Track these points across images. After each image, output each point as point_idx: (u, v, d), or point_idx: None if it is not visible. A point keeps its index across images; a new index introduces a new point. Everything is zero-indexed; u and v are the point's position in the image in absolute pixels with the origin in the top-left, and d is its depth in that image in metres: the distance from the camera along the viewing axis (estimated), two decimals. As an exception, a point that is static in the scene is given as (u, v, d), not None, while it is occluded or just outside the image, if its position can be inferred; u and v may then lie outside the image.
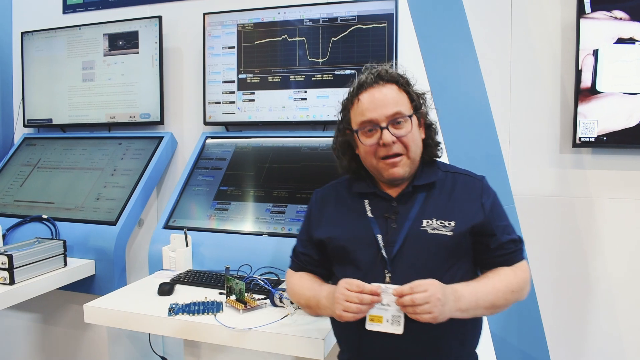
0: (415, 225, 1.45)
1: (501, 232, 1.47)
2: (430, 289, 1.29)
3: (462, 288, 1.37)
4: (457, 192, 1.51)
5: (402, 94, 1.50)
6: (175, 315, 1.78)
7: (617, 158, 2.36)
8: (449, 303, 1.31)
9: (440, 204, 1.49)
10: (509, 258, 1.48)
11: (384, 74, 1.51)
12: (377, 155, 1.47)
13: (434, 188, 1.52)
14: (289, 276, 1.68)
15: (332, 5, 2.61)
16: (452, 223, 1.44)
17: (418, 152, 1.51)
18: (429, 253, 1.42)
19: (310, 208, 1.67)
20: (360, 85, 1.52)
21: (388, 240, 1.45)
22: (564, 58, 2.41)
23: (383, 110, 1.46)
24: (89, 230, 2.58)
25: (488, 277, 1.46)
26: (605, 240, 2.41)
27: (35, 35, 3.25)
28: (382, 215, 1.50)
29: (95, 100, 3.11)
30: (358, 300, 1.33)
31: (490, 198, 1.50)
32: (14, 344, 2.87)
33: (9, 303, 2.13)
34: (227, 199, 2.53)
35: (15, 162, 3.16)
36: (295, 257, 1.68)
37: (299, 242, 1.68)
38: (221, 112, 2.84)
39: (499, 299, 1.41)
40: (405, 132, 1.46)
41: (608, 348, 2.42)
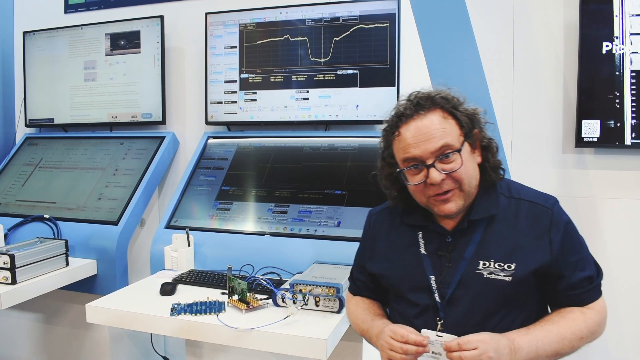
0: (471, 267, 1.33)
1: (572, 270, 1.32)
2: (480, 347, 1.18)
3: (521, 338, 1.25)
4: (520, 225, 1.34)
5: (449, 120, 1.32)
6: (177, 315, 1.77)
7: (620, 158, 2.36)
8: (503, 357, 1.20)
9: (500, 241, 1.33)
10: (581, 299, 1.33)
11: (424, 101, 1.33)
12: (426, 193, 1.33)
13: (493, 222, 1.36)
14: (347, 300, 1.65)
15: (334, 5, 2.61)
16: (512, 266, 1.30)
17: (473, 183, 1.35)
18: (485, 299, 1.31)
19: (365, 233, 1.59)
20: (399, 117, 1.35)
21: (442, 281, 1.35)
22: (567, 57, 2.40)
23: (427, 145, 1.29)
24: (90, 230, 2.58)
25: (552, 321, 1.31)
26: (607, 240, 2.40)
27: (37, 35, 3.25)
28: (436, 252, 1.38)
29: (97, 100, 3.11)
30: (402, 351, 1.26)
31: (560, 232, 1.32)
32: (16, 343, 2.87)
33: (11, 303, 2.12)
34: (229, 199, 2.53)
35: (17, 161, 3.16)
36: (352, 280, 1.63)
37: (355, 265, 1.62)
38: (223, 112, 2.84)
39: (564, 347, 1.28)
40: (456, 167, 1.29)
41: (610, 349, 2.42)
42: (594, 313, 1.33)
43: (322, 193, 2.40)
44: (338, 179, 2.42)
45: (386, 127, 1.40)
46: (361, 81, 2.57)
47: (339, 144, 2.57)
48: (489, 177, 1.39)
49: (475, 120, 1.38)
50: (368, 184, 2.34)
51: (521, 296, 1.32)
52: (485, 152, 1.40)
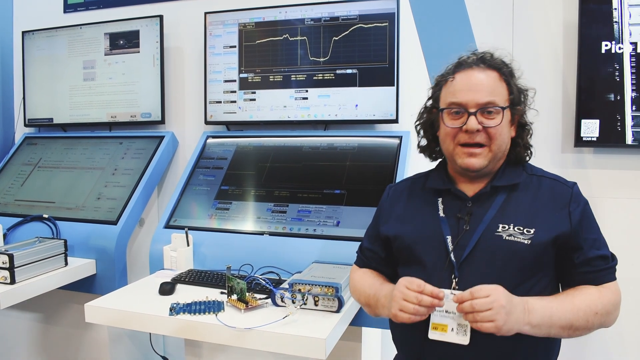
0: (490, 229, 1.33)
1: (589, 246, 1.34)
2: (493, 294, 1.18)
3: (535, 301, 1.25)
4: (541, 197, 1.37)
5: (502, 83, 1.39)
6: (176, 315, 1.77)
7: (619, 158, 2.36)
8: (516, 313, 1.19)
9: (521, 208, 1.35)
10: (597, 276, 1.34)
11: (488, 58, 1.41)
12: (457, 140, 1.37)
13: (515, 191, 1.39)
14: (352, 272, 1.62)
15: (333, 5, 2.60)
16: (532, 231, 1.31)
17: (503, 148, 1.39)
18: (502, 261, 1.30)
19: (382, 203, 1.58)
20: (459, 64, 1.41)
21: (458, 243, 1.34)
22: (566, 57, 2.40)
23: (476, 95, 1.34)
24: (89, 230, 2.58)
25: (568, 293, 1.32)
26: (607, 239, 2.40)
27: (36, 35, 3.25)
28: (455, 215, 1.39)
29: (96, 100, 3.11)
30: (416, 301, 1.24)
31: (580, 207, 1.35)
32: (14, 343, 2.87)
33: (10, 302, 2.12)
34: (228, 199, 2.53)
35: (16, 161, 3.16)
36: (360, 252, 1.62)
37: (366, 237, 1.61)
38: (222, 112, 2.84)
39: (579, 319, 1.27)
40: (494, 124, 1.34)
41: (610, 348, 2.42)
42: (609, 292, 1.34)
43: (321, 192, 2.40)
44: (337, 178, 2.42)
45: (442, 72, 1.46)
46: (360, 81, 2.57)
47: (338, 144, 2.57)
48: (518, 154, 1.45)
49: (524, 96, 1.46)
50: (367, 183, 2.35)
51: (538, 264, 1.32)
52: (521, 130, 1.46)
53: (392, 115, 2.51)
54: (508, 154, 1.44)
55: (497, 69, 1.40)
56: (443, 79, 1.44)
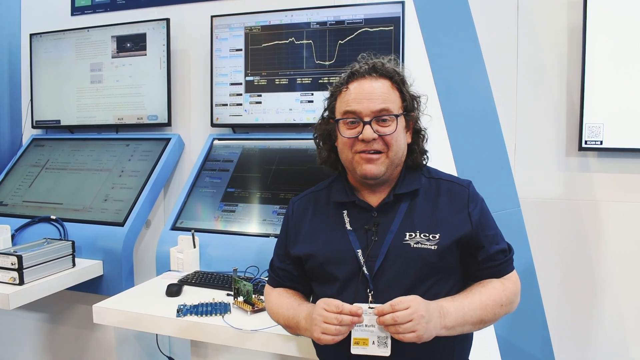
0: (398, 239, 1.36)
1: (489, 243, 1.40)
2: (412, 305, 1.22)
3: (448, 304, 1.30)
4: (441, 200, 1.42)
5: (395, 91, 1.42)
6: (183, 316, 1.79)
7: (623, 162, 2.36)
8: (433, 320, 1.24)
9: (424, 214, 1.39)
10: (498, 270, 1.41)
11: (380, 66, 1.42)
12: (354, 149, 1.39)
13: (417, 197, 1.43)
14: (267, 293, 1.59)
15: (339, 9, 2.62)
16: (437, 236, 1.35)
17: (399, 155, 1.42)
18: (412, 268, 1.34)
19: (287, 220, 1.57)
20: (352, 74, 1.43)
21: (369, 254, 1.36)
22: (570, 61, 2.41)
23: (370, 104, 1.37)
24: (97, 231, 2.60)
25: (475, 291, 1.37)
26: (610, 243, 2.41)
27: (43, 37, 3.27)
28: (362, 227, 1.41)
29: (103, 102, 3.13)
30: (337, 322, 1.25)
31: (477, 206, 1.41)
32: (22, 343, 2.90)
33: (19, 303, 2.14)
34: (234, 201, 2.55)
35: (23, 163, 3.19)
36: (272, 272, 1.59)
37: (275, 256, 1.59)
38: (228, 114, 2.86)
39: (487, 314, 1.34)
40: (389, 131, 1.37)
41: (613, 351, 2.43)
42: (510, 283, 1.40)
43: (326, 195, 2.41)
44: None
45: (336, 82, 1.47)
46: (366, 84, 2.57)
47: (343, 147, 2.58)
48: (415, 159, 1.49)
49: (417, 103, 1.48)
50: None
51: (445, 266, 1.37)
52: (416, 136, 1.49)
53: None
54: (405, 161, 1.46)
55: (389, 77, 1.42)
56: (337, 89, 1.46)
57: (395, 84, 1.42)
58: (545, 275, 2.46)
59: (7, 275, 2.18)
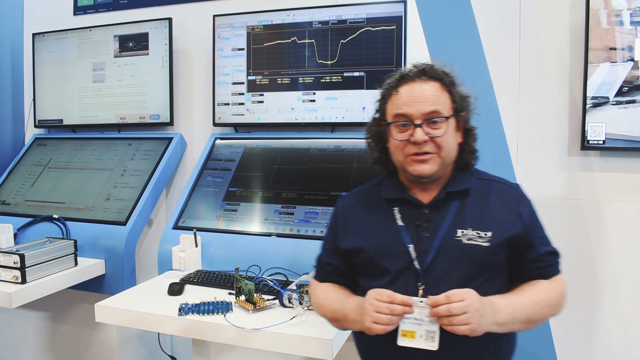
0: (449, 235, 1.37)
1: (539, 244, 1.41)
2: (467, 297, 1.23)
3: (499, 300, 1.31)
4: (492, 200, 1.43)
5: (445, 93, 1.42)
6: (185, 315, 1.80)
7: (626, 161, 2.36)
8: (487, 315, 1.24)
9: (476, 213, 1.41)
10: (547, 271, 1.42)
11: (429, 69, 1.43)
12: (406, 152, 1.40)
13: (468, 196, 1.44)
14: (313, 287, 1.61)
15: (341, 8, 2.62)
16: (489, 233, 1.36)
17: (451, 156, 1.43)
18: (464, 264, 1.35)
19: (336, 216, 1.59)
20: (402, 77, 1.44)
21: (420, 250, 1.37)
22: (573, 60, 2.41)
23: (420, 106, 1.38)
24: (99, 230, 2.61)
25: (525, 289, 1.39)
26: (613, 242, 2.41)
27: (46, 37, 3.28)
28: (414, 223, 1.41)
29: (106, 101, 3.14)
30: (388, 311, 1.25)
31: (527, 208, 1.43)
32: (24, 342, 2.90)
33: (21, 302, 2.15)
34: (236, 200, 2.55)
35: (26, 162, 3.19)
36: (319, 267, 1.60)
37: (323, 251, 1.60)
38: (230, 114, 2.86)
39: (536, 313, 1.34)
40: (440, 133, 1.38)
41: (615, 349, 2.42)
42: (559, 285, 1.43)
43: (328, 194, 2.41)
44: (344, 180, 2.44)
45: (386, 85, 1.48)
46: (367, 83, 2.58)
47: (345, 146, 2.58)
48: (465, 159, 1.49)
49: (466, 103, 1.48)
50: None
51: (496, 265, 1.38)
52: (467, 136, 1.49)
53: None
54: (456, 160, 1.47)
55: (438, 79, 1.42)
56: (387, 92, 1.47)
57: (444, 86, 1.43)
58: (548, 274, 2.45)
59: (9, 274, 2.18)
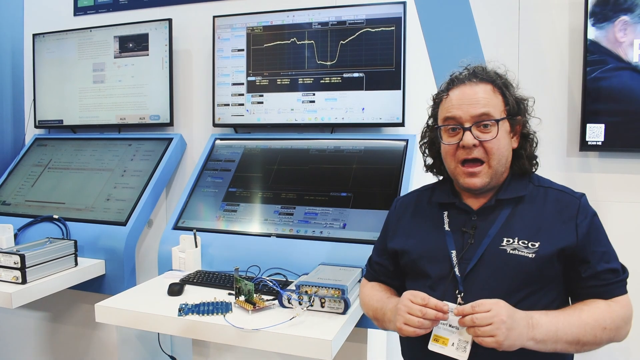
0: (495, 243, 1.33)
1: (597, 260, 1.31)
2: (494, 308, 1.17)
3: (540, 316, 1.23)
4: (548, 209, 1.36)
5: (497, 95, 1.39)
6: (185, 316, 1.80)
7: (624, 162, 2.36)
8: (518, 328, 1.18)
9: (526, 221, 1.34)
10: (605, 290, 1.31)
11: (480, 71, 1.42)
12: (457, 157, 1.37)
13: (521, 203, 1.38)
14: (362, 285, 1.62)
15: (340, 9, 2.63)
16: (537, 244, 1.30)
17: (503, 162, 1.38)
18: (506, 275, 1.29)
19: (389, 216, 1.59)
20: (452, 81, 1.43)
21: (463, 257, 1.34)
22: (572, 61, 2.41)
23: (470, 109, 1.35)
24: (99, 231, 2.61)
25: (575, 307, 1.29)
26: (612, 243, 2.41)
27: (46, 37, 3.29)
28: (460, 229, 1.39)
29: (106, 102, 3.14)
30: (421, 314, 1.23)
31: (587, 219, 1.34)
32: (24, 342, 2.90)
33: (21, 302, 2.15)
34: (235, 200, 2.55)
35: (26, 162, 3.20)
36: (369, 266, 1.61)
37: (374, 250, 1.61)
38: (230, 114, 2.87)
39: (586, 334, 1.24)
40: (490, 137, 1.33)
41: (615, 351, 2.42)
42: (619, 307, 1.30)
43: (328, 195, 2.42)
44: (344, 181, 2.44)
45: (438, 90, 1.46)
46: (367, 84, 2.59)
47: (344, 147, 2.59)
48: (522, 165, 1.44)
49: (522, 106, 1.44)
50: (373, 186, 2.37)
51: (544, 278, 1.30)
52: (524, 141, 1.45)
53: (399, 119, 2.53)
54: (512, 166, 1.43)
55: (490, 81, 1.40)
56: (438, 97, 1.45)
57: (497, 88, 1.39)
58: (546, 275, 2.46)
59: (9, 274, 2.19)
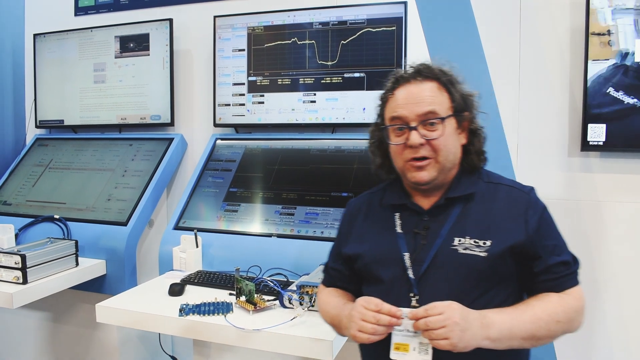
0: (446, 244, 1.31)
1: (548, 254, 1.30)
2: (446, 311, 1.16)
3: (494, 315, 1.22)
4: (498, 206, 1.35)
5: (443, 92, 1.37)
6: (186, 316, 1.80)
7: (626, 162, 2.36)
8: (472, 329, 1.16)
9: (478, 219, 1.33)
10: (558, 283, 1.30)
11: (424, 69, 1.39)
12: (404, 157, 1.36)
13: (472, 201, 1.36)
14: (319, 292, 1.60)
15: (341, 9, 2.63)
16: (488, 242, 1.28)
17: (451, 159, 1.36)
18: (460, 275, 1.28)
19: (342, 220, 1.57)
20: (397, 80, 1.40)
21: (415, 258, 1.32)
22: (573, 61, 2.41)
23: (415, 107, 1.33)
24: (100, 231, 2.61)
25: (529, 303, 1.29)
26: (613, 244, 2.41)
27: (47, 37, 3.29)
28: (412, 231, 1.37)
29: (106, 102, 3.14)
30: (374, 320, 1.21)
31: (537, 214, 1.32)
32: (25, 342, 2.91)
33: (22, 302, 2.15)
34: (236, 201, 2.55)
35: (27, 162, 3.20)
36: (326, 272, 1.59)
37: (330, 256, 1.59)
38: (231, 114, 2.87)
39: (540, 329, 1.24)
40: (437, 135, 1.32)
41: (615, 352, 2.42)
42: (571, 299, 1.30)
43: (328, 195, 2.42)
44: (345, 181, 2.44)
45: (384, 90, 1.44)
46: (368, 84, 2.58)
47: (345, 147, 2.59)
48: (471, 161, 1.42)
49: (469, 102, 1.41)
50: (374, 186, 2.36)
51: (496, 276, 1.29)
52: (472, 137, 1.42)
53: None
54: (461, 162, 1.42)
55: (435, 78, 1.38)
56: (384, 96, 1.43)
57: (442, 85, 1.37)
58: (548, 275, 2.46)
59: (10, 274, 2.19)
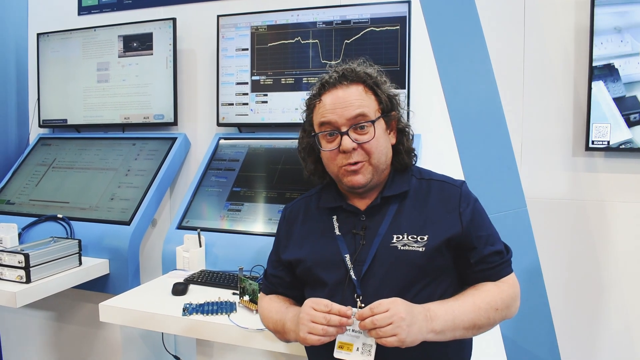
0: (385, 242, 1.34)
1: (483, 244, 1.34)
2: (392, 307, 1.18)
3: (437, 307, 1.25)
4: (432, 201, 1.38)
5: (369, 95, 1.39)
6: (189, 315, 1.80)
7: (630, 162, 2.36)
8: (417, 323, 1.19)
9: (413, 216, 1.36)
10: (493, 272, 1.35)
11: (349, 73, 1.40)
12: (337, 162, 1.37)
13: (406, 198, 1.39)
14: (260, 300, 1.59)
15: (345, 8, 2.62)
16: (425, 237, 1.32)
17: (383, 160, 1.39)
18: (400, 271, 1.31)
19: (279, 227, 1.57)
20: (323, 85, 1.41)
21: (356, 259, 1.34)
22: (577, 61, 2.40)
23: (344, 112, 1.35)
24: (103, 230, 2.61)
25: (468, 293, 1.33)
26: (617, 243, 2.40)
27: (50, 37, 3.29)
28: (351, 232, 1.39)
29: (110, 101, 3.14)
30: (325, 321, 1.21)
31: (469, 206, 1.36)
32: (28, 341, 2.91)
33: (25, 301, 2.15)
34: (239, 200, 2.55)
35: (30, 161, 3.20)
36: (265, 279, 1.58)
37: (269, 263, 1.58)
38: (234, 114, 2.86)
39: (481, 317, 1.28)
40: (368, 138, 1.34)
41: (620, 351, 2.42)
42: (507, 286, 1.34)
43: (332, 195, 2.41)
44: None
45: (310, 95, 1.46)
46: (371, 84, 2.57)
47: (349, 146, 2.57)
48: (402, 160, 1.45)
49: (395, 102, 1.45)
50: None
51: (436, 269, 1.33)
52: (401, 136, 1.46)
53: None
54: (392, 162, 1.44)
55: (361, 81, 1.39)
56: (311, 102, 1.44)
57: (368, 88, 1.40)
58: (552, 275, 2.45)
59: (14, 273, 2.19)
